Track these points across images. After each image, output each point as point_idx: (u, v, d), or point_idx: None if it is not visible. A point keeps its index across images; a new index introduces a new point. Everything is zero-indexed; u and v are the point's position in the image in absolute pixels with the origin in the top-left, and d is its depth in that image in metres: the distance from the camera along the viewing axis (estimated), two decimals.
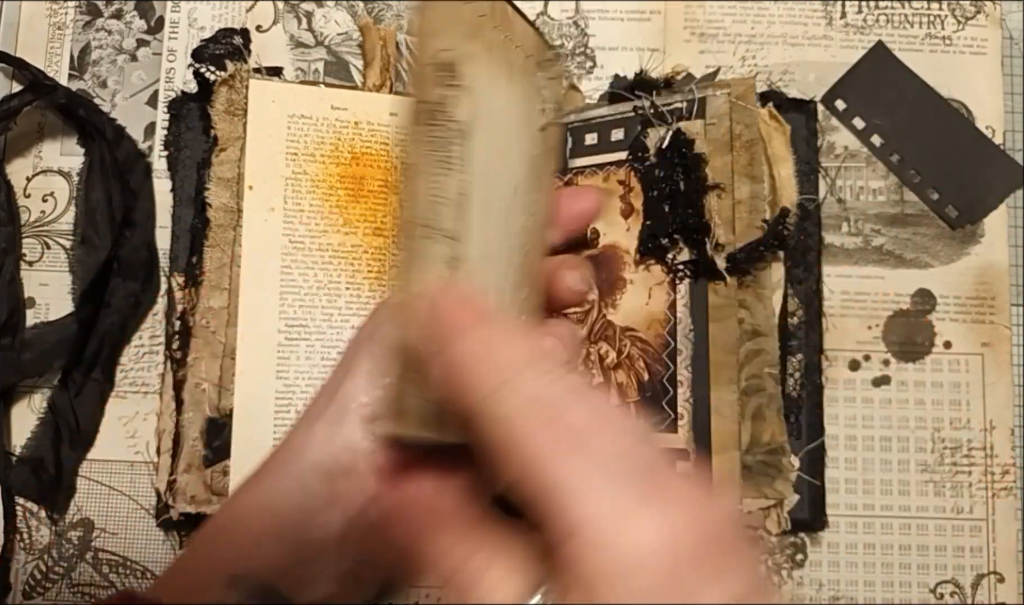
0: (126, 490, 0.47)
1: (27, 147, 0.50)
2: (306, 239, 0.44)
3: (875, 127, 0.48)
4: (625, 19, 0.50)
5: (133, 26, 0.51)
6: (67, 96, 0.48)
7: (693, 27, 0.50)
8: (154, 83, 0.50)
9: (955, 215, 0.48)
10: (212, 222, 0.45)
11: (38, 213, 0.49)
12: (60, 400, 0.47)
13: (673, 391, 0.41)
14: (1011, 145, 0.49)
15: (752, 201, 0.44)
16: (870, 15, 0.50)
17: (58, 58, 0.51)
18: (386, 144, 0.45)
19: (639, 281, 0.43)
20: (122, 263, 0.47)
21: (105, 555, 0.47)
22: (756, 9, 0.50)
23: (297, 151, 0.44)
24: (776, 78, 0.49)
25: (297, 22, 0.51)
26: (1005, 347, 0.47)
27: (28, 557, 0.47)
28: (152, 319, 0.48)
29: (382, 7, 0.51)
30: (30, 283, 0.49)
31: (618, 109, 0.45)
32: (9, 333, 0.46)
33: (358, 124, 0.45)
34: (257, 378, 0.42)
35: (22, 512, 0.47)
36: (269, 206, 0.44)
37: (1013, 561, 0.46)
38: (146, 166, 0.49)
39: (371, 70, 0.48)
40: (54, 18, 0.51)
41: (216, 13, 0.51)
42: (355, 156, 0.45)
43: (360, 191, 0.45)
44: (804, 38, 0.50)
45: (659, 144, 0.42)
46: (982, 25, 0.49)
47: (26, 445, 0.47)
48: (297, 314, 0.43)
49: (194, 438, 0.43)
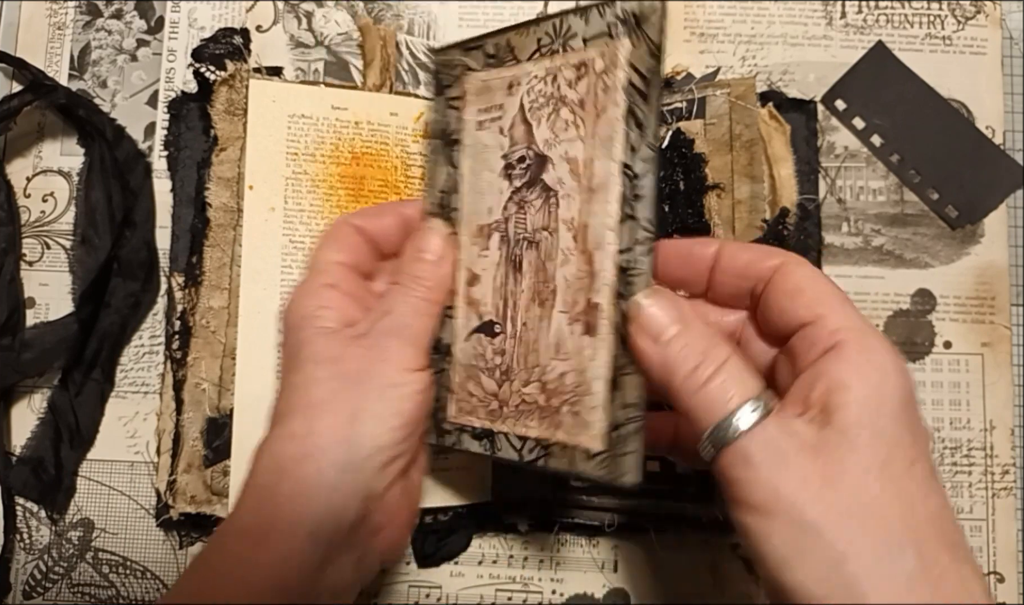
0: (126, 490, 0.47)
1: (27, 147, 0.50)
2: (306, 239, 0.44)
3: (875, 127, 0.48)
4: None
5: (133, 26, 0.51)
6: (67, 96, 0.48)
7: (693, 27, 0.50)
8: (154, 83, 0.50)
9: (955, 215, 0.48)
10: (212, 222, 0.45)
11: (38, 213, 0.49)
12: (60, 400, 0.47)
13: None
14: (1011, 145, 0.49)
15: (752, 201, 0.44)
16: (870, 15, 0.50)
17: (58, 58, 0.51)
18: (386, 144, 0.45)
19: None
20: (122, 263, 0.47)
21: (105, 555, 0.47)
22: (756, 9, 0.50)
23: (297, 151, 0.44)
24: (776, 78, 0.49)
25: (297, 22, 0.51)
26: (1005, 347, 0.47)
27: (28, 557, 0.47)
28: (152, 319, 0.48)
29: (382, 7, 0.51)
30: (30, 283, 0.49)
31: None
32: (9, 333, 0.46)
33: (358, 124, 0.45)
34: (257, 378, 0.42)
35: (22, 512, 0.47)
36: (269, 206, 0.44)
37: (1013, 561, 0.46)
38: (146, 166, 0.49)
39: (371, 70, 0.48)
40: (54, 18, 0.51)
41: (216, 13, 0.51)
42: (355, 156, 0.45)
43: (360, 191, 0.45)
44: (804, 38, 0.50)
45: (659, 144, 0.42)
46: (982, 25, 0.49)
47: (26, 445, 0.47)
48: None
49: (194, 438, 0.43)
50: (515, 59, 0.35)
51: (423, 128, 0.46)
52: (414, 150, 0.46)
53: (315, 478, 0.31)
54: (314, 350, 0.34)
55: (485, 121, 0.36)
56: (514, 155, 0.35)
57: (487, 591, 0.47)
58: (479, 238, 0.36)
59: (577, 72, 0.33)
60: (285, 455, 0.32)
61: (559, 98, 0.34)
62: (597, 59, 0.33)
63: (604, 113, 0.32)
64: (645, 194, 0.31)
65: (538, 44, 0.34)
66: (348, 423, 0.32)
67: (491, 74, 0.36)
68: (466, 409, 0.36)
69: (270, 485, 0.32)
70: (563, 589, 0.46)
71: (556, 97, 0.34)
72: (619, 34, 0.32)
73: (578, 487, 0.44)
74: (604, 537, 0.46)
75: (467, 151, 0.37)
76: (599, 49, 0.33)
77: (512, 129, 0.35)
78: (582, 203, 0.33)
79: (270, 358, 0.43)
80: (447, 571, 0.47)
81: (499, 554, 0.47)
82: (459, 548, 0.47)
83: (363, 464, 0.32)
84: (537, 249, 0.35)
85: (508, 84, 0.35)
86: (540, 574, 0.47)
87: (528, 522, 0.46)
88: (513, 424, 0.35)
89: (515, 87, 0.35)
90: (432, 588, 0.47)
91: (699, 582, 0.46)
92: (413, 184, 0.45)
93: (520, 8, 0.51)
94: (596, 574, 0.47)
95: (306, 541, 0.31)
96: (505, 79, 0.36)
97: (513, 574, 0.47)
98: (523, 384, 0.34)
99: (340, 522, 0.31)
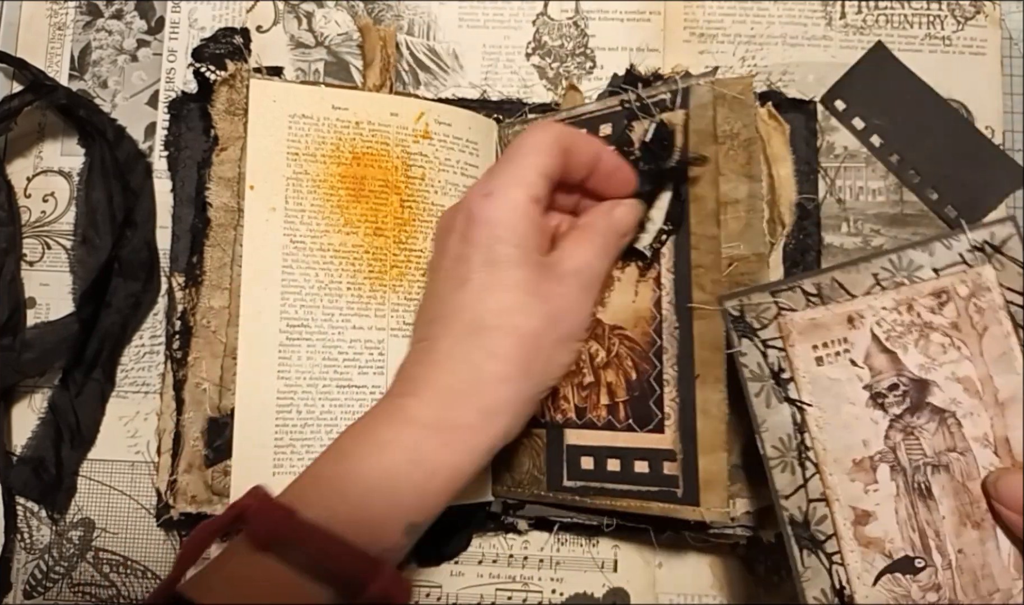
0: (127, 490, 0.47)
1: (28, 147, 0.50)
2: (307, 239, 0.44)
3: (874, 127, 0.48)
4: (625, 20, 0.50)
5: (133, 26, 0.51)
6: (68, 96, 0.48)
7: (693, 27, 0.50)
8: (154, 83, 0.50)
9: (955, 215, 0.48)
10: (213, 222, 0.45)
11: (39, 213, 0.49)
12: (61, 400, 0.47)
13: (660, 390, 0.41)
14: (1010, 145, 0.49)
15: (750, 200, 0.43)
16: (870, 15, 0.50)
17: (59, 58, 0.51)
18: (387, 144, 0.46)
19: (626, 278, 0.43)
20: (123, 263, 0.47)
21: (106, 555, 0.47)
22: (756, 9, 0.50)
23: (298, 151, 0.44)
24: (776, 78, 0.49)
25: (297, 22, 0.51)
26: None
27: (29, 556, 0.47)
28: (153, 319, 0.48)
29: (382, 7, 0.51)
30: (31, 283, 0.49)
31: (606, 104, 0.45)
32: (10, 333, 0.46)
33: (359, 124, 0.45)
34: (258, 378, 0.43)
35: (23, 512, 0.47)
36: (270, 206, 0.44)
37: None
38: (147, 166, 0.49)
39: (371, 70, 0.48)
40: (54, 18, 0.51)
41: (216, 13, 0.51)
42: (356, 156, 0.45)
43: (361, 191, 0.45)
44: (804, 38, 0.50)
45: (643, 137, 0.42)
46: (981, 25, 0.49)
47: (27, 445, 0.47)
48: (298, 314, 0.43)
49: (195, 438, 0.43)
50: (848, 294, 0.37)
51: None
52: (414, 150, 0.46)
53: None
54: (518, 271, 0.35)
55: (826, 356, 0.37)
56: (882, 384, 0.36)
57: (487, 590, 0.47)
58: (859, 473, 0.36)
59: (938, 300, 0.35)
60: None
61: (924, 324, 0.36)
62: (959, 286, 0.35)
63: (988, 332, 0.35)
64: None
65: (875, 279, 0.36)
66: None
67: (819, 312, 0.37)
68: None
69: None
70: (563, 588, 0.47)
71: (920, 324, 0.36)
72: (976, 261, 0.35)
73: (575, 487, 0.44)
74: (603, 537, 0.47)
75: (813, 388, 0.37)
76: (957, 277, 0.35)
77: (869, 359, 0.36)
78: (993, 418, 0.34)
79: (271, 358, 0.43)
80: (447, 570, 0.47)
81: (499, 553, 0.47)
82: (459, 547, 0.47)
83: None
84: (948, 471, 0.35)
85: (848, 318, 0.37)
86: (540, 573, 0.47)
87: (528, 522, 0.46)
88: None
89: (858, 320, 0.37)
90: (432, 587, 0.47)
91: (700, 582, 0.46)
92: (414, 184, 0.46)
93: (520, 7, 0.51)
94: (596, 573, 0.47)
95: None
96: (841, 314, 0.37)
97: (513, 573, 0.47)
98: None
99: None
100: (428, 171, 0.46)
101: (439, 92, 0.50)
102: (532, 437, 0.44)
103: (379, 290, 0.44)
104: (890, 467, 0.36)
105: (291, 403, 0.43)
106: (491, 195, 0.36)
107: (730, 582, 0.46)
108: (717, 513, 0.39)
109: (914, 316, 0.36)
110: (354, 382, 0.43)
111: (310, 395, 0.43)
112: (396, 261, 0.45)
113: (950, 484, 0.35)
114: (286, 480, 0.40)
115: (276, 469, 0.42)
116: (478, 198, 0.36)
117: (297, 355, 0.43)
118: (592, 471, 0.42)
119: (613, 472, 0.42)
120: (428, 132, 0.46)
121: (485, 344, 0.34)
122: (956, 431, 0.35)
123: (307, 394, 0.43)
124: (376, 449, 0.33)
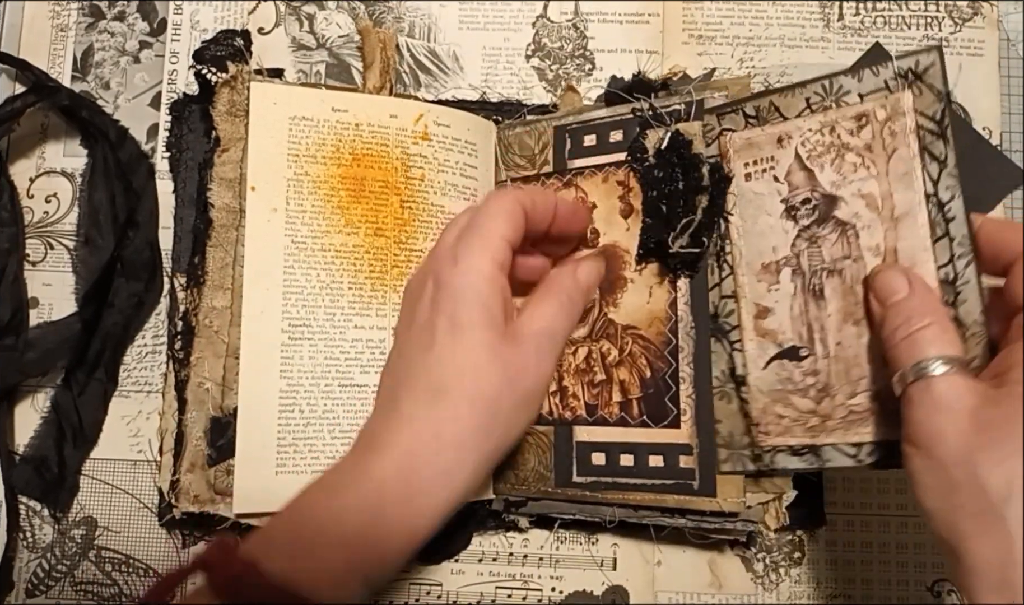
0: (129, 489, 0.47)
1: (30, 148, 0.50)
2: (308, 239, 0.44)
3: None
4: (624, 21, 0.51)
5: (136, 28, 0.51)
6: (70, 97, 0.49)
7: (691, 29, 0.50)
8: (157, 85, 0.51)
9: None
10: (214, 222, 0.45)
11: (41, 214, 0.49)
12: (63, 399, 0.47)
13: (675, 387, 0.42)
14: (1008, 146, 0.49)
15: None
16: (867, 17, 0.50)
17: (61, 60, 0.51)
18: (387, 145, 0.46)
19: (640, 280, 0.43)
20: (125, 263, 0.47)
21: (108, 554, 0.47)
22: (754, 11, 0.50)
23: (299, 152, 0.45)
24: (774, 79, 0.49)
25: (299, 24, 0.51)
26: None
27: (31, 555, 0.47)
28: (155, 319, 0.48)
29: (382, 9, 0.51)
30: (33, 283, 0.49)
31: (617, 111, 0.45)
32: (12, 333, 0.47)
33: (359, 126, 0.46)
34: (260, 378, 0.43)
35: (25, 510, 0.47)
36: (271, 207, 0.44)
37: None
38: (149, 167, 0.49)
39: (371, 72, 0.49)
40: (57, 20, 0.51)
41: (218, 15, 0.51)
42: (356, 157, 0.45)
43: (361, 192, 0.45)
44: (802, 40, 0.50)
45: (658, 145, 0.43)
46: (979, 27, 0.50)
47: (29, 444, 0.47)
48: (300, 314, 0.43)
49: (197, 437, 0.44)
50: (781, 117, 0.40)
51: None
52: (414, 151, 0.46)
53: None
54: (481, 335, 0.36)
55: (754, 172, 0.40)
56: (796, 198, 0.39)
57: (487, 588, 0.47)
58: (765, 275, 0.40)
59: (858, 122, 0.38)
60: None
61: (841, 145, 0.38)
62: (878, 110, 0.37)
63: (896, 153, 0.37)
64: (956, 215, 0.35)
65: (807, 103, 0.39)
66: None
67: (755, 132, 0.40)
68: (776, 431, 0.40)
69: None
70: (563, 587, 0.47)
71: (838, 145, 0.38)
72: (898, 88, 0.37)
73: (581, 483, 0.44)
74: (603, 534, 0.47)
75: (738, 201, 0.41)
76: (878, 102, 0.37)
77: (789, 176, 0.39)
78: (886, 231, 0.37)
79: (273, 358, 0.43)
80: (448, 568, 0.47)
81: (499, 551, 0.47)
82: (459, 546, 0.47)
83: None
84: (840, 276, 0.38)
85: (777, 138, 0.40)
86: (540, 571, 0.47)
87: (528, 519, 0.46)
88: (843, 434, 0.38)
89: (786, 140, 0.39)
90: (433, 585, 0.47)
91: (699, 580, 0.46)
92: (413, 185, 0.46)
93: (520, 10, 0.51)
94: (595, 572, 0.47)
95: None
96: (772, 135, 0.40)
97: (513, 571, 0.47)
98: (848, 397, 0.38)
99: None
100: (428, 172, 0.46)
101: (439, 94, 0.50)
102: (537, 435, 0.44)
103: (380, 290, 0.45)
104: (792, 270, 0.39)
105: (293, 402, 0.43)
106: (458, 262, 0.37)
107: (729, 580, 0.46)
108: (734, 503, 0.41)
109: (835, 137, 0.38)
110: (356, 381, 0.44)
111: (312, 394, 0.43)
112: (397, 261, 0.45)
113: (841, 287, 0.38)
114: (289, 479, 0.41)
115: (279, 468, 0.42)
116: (447, 265, 0.38)
117: (299, 354, 0.43)
118: (604, 466, 0.43)
119: (626, 467, 0.43)
120: (427, 134, 0.47)
121: (446, 406, 0.35)
122: (853, 241, 0.38)
123: (309, 393, 0.43)
124: (338, 504, 0.34)
